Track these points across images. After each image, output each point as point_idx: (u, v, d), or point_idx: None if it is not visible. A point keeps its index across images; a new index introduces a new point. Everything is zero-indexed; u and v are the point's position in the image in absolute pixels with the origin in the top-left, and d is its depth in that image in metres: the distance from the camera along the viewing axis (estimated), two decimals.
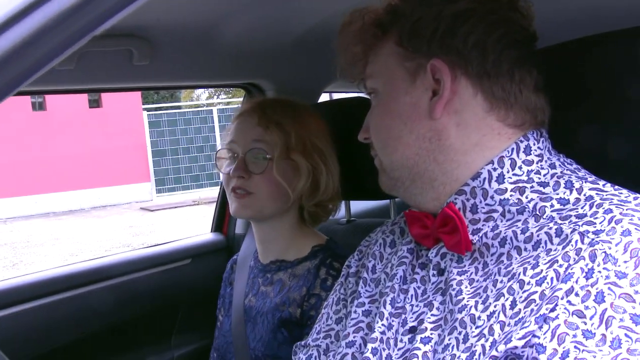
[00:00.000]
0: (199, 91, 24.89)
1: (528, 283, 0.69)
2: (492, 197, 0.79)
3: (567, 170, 0.80)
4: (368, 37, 0.88)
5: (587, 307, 0.64)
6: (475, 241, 0.79)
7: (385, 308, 0.86)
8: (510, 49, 0.80)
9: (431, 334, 0.78)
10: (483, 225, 0.79)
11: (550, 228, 0.72)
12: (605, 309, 0.63)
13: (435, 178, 0.83)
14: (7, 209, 12.26)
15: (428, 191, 0.85)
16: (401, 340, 0.82)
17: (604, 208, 0.70)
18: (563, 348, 0.63)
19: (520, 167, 0.79)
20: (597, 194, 0.73)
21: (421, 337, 0.78)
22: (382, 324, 0.85)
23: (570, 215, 0.72)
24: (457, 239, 0.79)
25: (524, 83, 0.81)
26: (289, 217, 1.43)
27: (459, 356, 0.71)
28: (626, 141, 0.83)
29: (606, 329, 0.63)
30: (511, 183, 0.79)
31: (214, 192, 12.43)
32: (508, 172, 0.79)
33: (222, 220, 2.08)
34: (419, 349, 0.77)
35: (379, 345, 0.83)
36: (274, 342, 1.34)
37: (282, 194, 1.37)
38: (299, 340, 1.26)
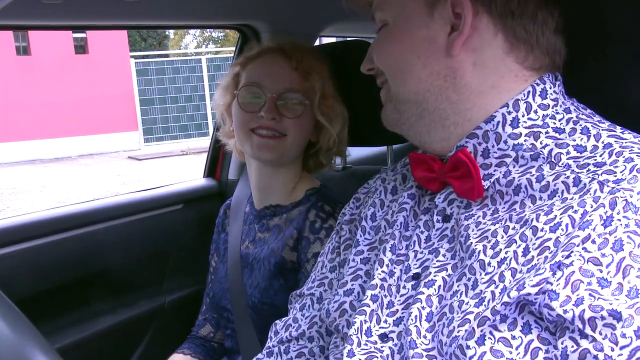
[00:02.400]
0: (187, 40, 24.47)
1: (542, 230, 0.68)
2: (505, 142, 0.77)
3: (582, 115, 0.77)
4: None
5: (603, 255, 0.62)
6: (487, 187, 0.77)
7: (385, 255, 0.84)
8: None
9: (435, 276, 0.76)
10: (495, 170, 0.77)
11: (568, 177, 0.70)
12: (623, 258, 0.62)
13: (446, 117, 0.80)
14: None
15: (437, 130, 0.81)
16: (404, 287, 0.81)
17: (624, 157, 0.68)
18: (577, 295, 0.61)
19: (535, 112, 0.77)
20: (615, 141, 0.71)
21: (424, 282, 0.77)
22: (382, 271, 0.83)
23: (588, 164, 0.70)
24: (469, 185, 0.76)
25: (546, 25, 0.78)
26: (295, 165, 1.42)
27: (467, 302, 0.70)
28: None
29: (623, 277, 0.61)
30: (526, 128, 0.76)
31: (202, 143, 12.41)
32: (523, 115, 0.77)
33: (214, 166, 2.04)
34: (423, 293, 0.76)
35: (379, 292, 0.82)
36: (270, 290, 1.33)
37: (305, 141, 1.38)
38: (295, 287, 1.25)
